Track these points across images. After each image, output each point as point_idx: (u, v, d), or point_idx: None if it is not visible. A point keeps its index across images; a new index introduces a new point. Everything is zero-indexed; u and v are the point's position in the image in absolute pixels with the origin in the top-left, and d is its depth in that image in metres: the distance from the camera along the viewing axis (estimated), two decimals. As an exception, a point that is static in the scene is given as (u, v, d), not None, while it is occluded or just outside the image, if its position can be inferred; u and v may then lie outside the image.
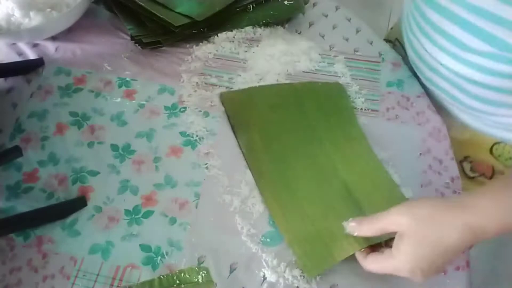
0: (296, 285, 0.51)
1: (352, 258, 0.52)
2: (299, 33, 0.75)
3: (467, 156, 0.70)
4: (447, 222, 0.44)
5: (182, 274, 0.52)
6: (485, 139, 0.66)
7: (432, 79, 0.63)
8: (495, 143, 0.66)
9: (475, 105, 0.59)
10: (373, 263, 0.48)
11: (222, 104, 0.65)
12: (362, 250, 0.50)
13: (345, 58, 0.71)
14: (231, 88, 0.67)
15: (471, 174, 0.70)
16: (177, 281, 0.52)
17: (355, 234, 0.49)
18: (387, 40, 0.80)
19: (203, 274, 0.52)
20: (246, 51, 0.72)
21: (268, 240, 0.55)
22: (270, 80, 0.68)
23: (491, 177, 0.69)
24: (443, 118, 0.66)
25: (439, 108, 0.67)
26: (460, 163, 0.68)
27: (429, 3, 0.56)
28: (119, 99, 0.67)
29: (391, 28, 0.82)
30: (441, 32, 0.55)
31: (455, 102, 0.62)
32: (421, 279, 0.45)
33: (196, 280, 0.52)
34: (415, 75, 0.69)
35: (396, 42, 0.78)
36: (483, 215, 0.44)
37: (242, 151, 0.61)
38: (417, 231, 0.45)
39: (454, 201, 0.46)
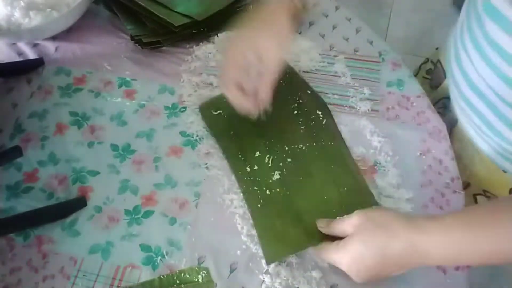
0: (296, 285, 0.51)
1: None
2: (299, 33, 0.75)
3: (485, 191, 0.65)
4: (394, 234, 0.46)
5: (182, 274, 0.52)
6: (506, 178, 0.62)
7: (470, 99, 0.58)
8: None
9: (511, 137, 0.56)
10: (323, 251, 0.51)
11: (201, 115, 0.65)
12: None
13: (345, 58, 0.71)
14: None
15: None
16: (177, 281, 0.52)
17: (323, 231, 0.52)
18: (428, 61, 0.78)
19: (203, 274, 0.52)
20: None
21: (268, 240, 0.55)
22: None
23: None
24: (469, 152, 0.64)
25: (464, 138, 0.64)
26: (474, 196, 0.66)
27: (489, 12, 0.51)
28: (119, 99, 0.67)
29: (437, 48, 0.78)
30: (495, 46, 0.51)
31: (490, 132, 0.58)
32: (356, 278, 0.48)
33: (196, 280, 0.52)
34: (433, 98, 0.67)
35: (438, 64, 0.75)
36: (431, 241, 0.44)
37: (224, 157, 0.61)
38: (364, 233, 0.47)
39: (409, 218, 0.47)
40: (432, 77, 0.77)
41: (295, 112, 0.64)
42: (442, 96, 0.70)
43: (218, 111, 0.64)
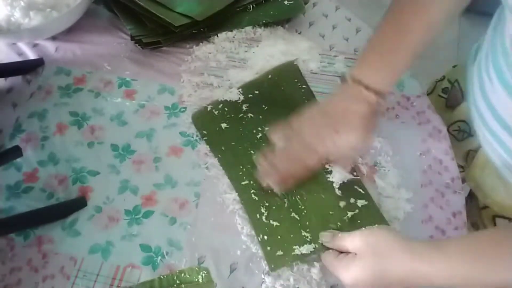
0: (296, 285, 0.51)
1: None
2: (299, 33, 0.75)
3: (499, 216, 0.64)
4: (395, 260, 0.46)
5: (182, 274, 0.52)
6: None
7: (496, 131, 0.55)
8: None
9: None
10: (332, 260, 0.50)
11: (194, 125, 0.64)
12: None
13: (345, 58, 0.71)
14: (231, 88, 0.67)
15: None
16: (177, 281, 0.51)
17: (325, 245, 0.52)
18: (444, 79, 0.76)
19: (203, 274, 0.52)
20: (246, 51, 0.72)
21: (268, 240, 0.55)
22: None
23: None
24: (492, 181, 0.61)
25: (487, 166, 0.62)
26: (493, 217, 0.64)
27: None
28: (119, 99, 0.67)
29: (454, 67, 0.76)
30: None
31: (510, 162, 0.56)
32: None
33: (196, 280, 0.52)
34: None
35: (455, 84, 0.72)
36: (433, 270, 0.44)
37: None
38: (367, 258, 0.47)
39: (409, 245, 0.47)
40: (448, 97, 0.75)
41: None
42: (458, 119, 0.69)
43: (214, 121, 0.63)
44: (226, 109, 0.64)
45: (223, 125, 0.63)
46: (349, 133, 0.54)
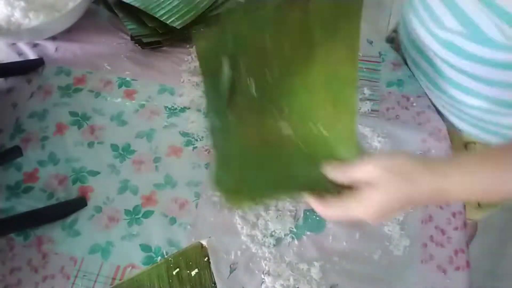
0: (296, 285, 0.51)
1: (352, 257, 0.52)
2: (299, 33, 0.75)
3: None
4: (418, 184, 0.44)
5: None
6: (460, 137, 0.66)
7: (417, 61, 0.64)
8: (468, 142, 0.66)
9: (453, 93, 0.60)
10: (332, 208, 0.46)
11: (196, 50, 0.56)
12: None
13: (345, 58, 0.71)
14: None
15: None
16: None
17: (329, 176, 0.47)
18: (388, 40, 0.80)
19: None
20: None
21: (268, 240, 0.55)
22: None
23: None
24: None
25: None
26: (464, 145, 0.69)
27: None
28: (119, 99, 0.67)
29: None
30: (425, 5, 0.57)
31: (436, 91, 0.63)
32: (371, 221, 0.46)
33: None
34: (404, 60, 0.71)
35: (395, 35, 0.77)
36: (452, 183, 0.44)
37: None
38: (389, 184, 0.44)
39: (427, 163, 0.45)
40: (393, 45, 0.78)
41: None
42: None
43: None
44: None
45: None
46: None
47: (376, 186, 0.44)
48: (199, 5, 0.72)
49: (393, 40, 0.79)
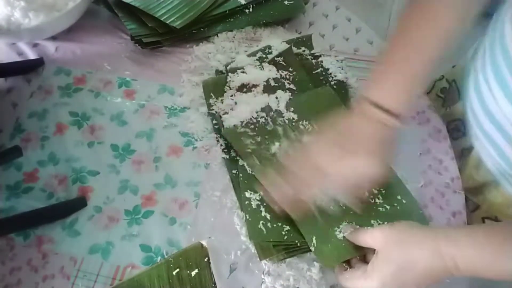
0: (296, 285, 0.51)
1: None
2: (299, 33, 0.75)
3: (497, 217, 0.63)
4: (419, 245, 0.44)
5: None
6: None
7: (489, 131, 0.54)
8: None
9: None
10: (348, 280, 0.48)
11: (226, 139, 0.61)
12: (342, 265, 0.50)
13: (345, 58, 0.71)
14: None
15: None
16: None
17: (345, 235, 0.51)
18: (443, 79, 0.74)
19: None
20: (246, 51, 0.72)
21: (268, 240, 0.55)
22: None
23: None
24: (485, 179, 0.61)
25: (481, 166, 0.61)
26: (483, 219, 0.64)
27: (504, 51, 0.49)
28: (119, 99, 0.67)
29: (453, 67, 0.74)
30: None
31: (507, 167, 0.55)
32: None
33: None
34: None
35: (453, 84, 0.71)
36: (457, 247, 0.43)
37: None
38: (391, 251, 0.45)
39: (436, 229, 0.46)
40: (445, 97, 0.74)
41: None
42: (455, 118, 0.68)
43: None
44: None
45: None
46: (365, 158, 0.49)
47: (379, 254, 0.46)
48: (199, 5, 0.72)
49: (444, 91, 0.74)
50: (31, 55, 0.72)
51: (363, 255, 0.50)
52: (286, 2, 0.76)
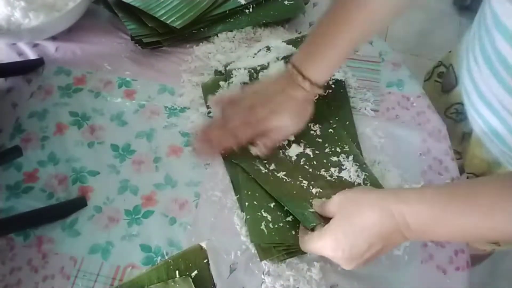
0: (296, 285, 0.51)
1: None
2: (299, 33, 0.75)
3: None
4: (369, 204, 0.46)
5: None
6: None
7: (483, 114, 0.58)
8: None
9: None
10: (307, 242, 0.50)
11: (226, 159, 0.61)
12: (305, 230, 0.52)
13: (345, 58, 0.71)
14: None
15: None
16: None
17: (316, 210, 0.52)
18: (441, 65, 0.77)
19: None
20: (246, 51, 0.72)
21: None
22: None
23: None
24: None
25: (479, 145, 0.64)
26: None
27: (498, 27, 0.51)
28: (119, 99, 0.67)
29: (450, 52, 0.77)
30: (503, 61, 0.51)
31: (500, 144, 0.58)
32: (344, 263, 0.47)
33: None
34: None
35: (450, 68, 0.74)
36: (409, 210, 0.43)
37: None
38: (344, 210, 0.47)
39: (386, 190, 0.48)
40: (443, 81, 0.76)
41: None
42: (455, 102, 0.69)
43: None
44: None
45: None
46: (282, 115, 0.57)
47: (337, 215, 0.47)
48: (199, 5, 0.72)
49: (441, 75, 0.76)
50: (31, 55, 0.72)
51: None
52: (286, 2, 0.76)
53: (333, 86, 0.67)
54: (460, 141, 0.66)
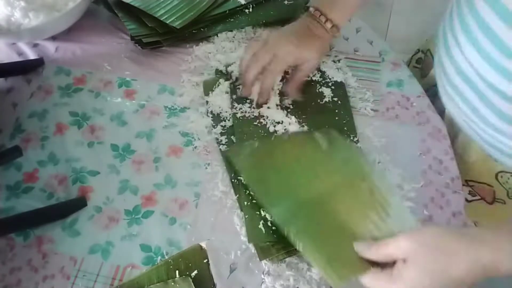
0: (296, 285, 0.51)
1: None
2: (299, 33, 0.75)
3: (468, 180, 0.67)
4: (458, 254, 0.43)
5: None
6: (493, 164, 0.63)
7: (458, 86, 0.57)
8: (502, 171, 0.63)
9: (497, 124, 0.54)
10: (373, 281, 0.46)
11: (229, 160, 0.60)
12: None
13: (345, 58, 0.71)
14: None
15: (469, 198, 0.69)
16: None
17: (362, 256, 0.47)
18: (419, 51, 0.80)
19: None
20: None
21: (268, 240, 0.55)
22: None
23: (492, 202, 0.68)
24: (460, 138, 0.64)
25: (454, 126, 0.65)
26: (466, 181, 0.66)
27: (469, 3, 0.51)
28: (119, 99, 0.67)
29: (426, 40, 0.81)
30: (488, 32, 0.49)
31: (477, 119, 0.57)
32: None
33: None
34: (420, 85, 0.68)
35: (427, 53, 0.77)
36: (500, 251, 0.42)
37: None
38: (423, 258, 0.43)
39: (469, 234, 0.44)
40: (422, 67, 0.79)
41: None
42: (432, 84, 0.70)
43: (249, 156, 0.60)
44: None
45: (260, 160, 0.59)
46: (309, 49, 0.63)
47: (409, 262, 0.43)
48: (199, 5, 0.72)
49: (420, 61, 0.78)
50: (31, 55, 0.72)
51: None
52: (286, 2, 0.76)
53: (333, 87, 0.67)
54: (442, 118, 0.67)
